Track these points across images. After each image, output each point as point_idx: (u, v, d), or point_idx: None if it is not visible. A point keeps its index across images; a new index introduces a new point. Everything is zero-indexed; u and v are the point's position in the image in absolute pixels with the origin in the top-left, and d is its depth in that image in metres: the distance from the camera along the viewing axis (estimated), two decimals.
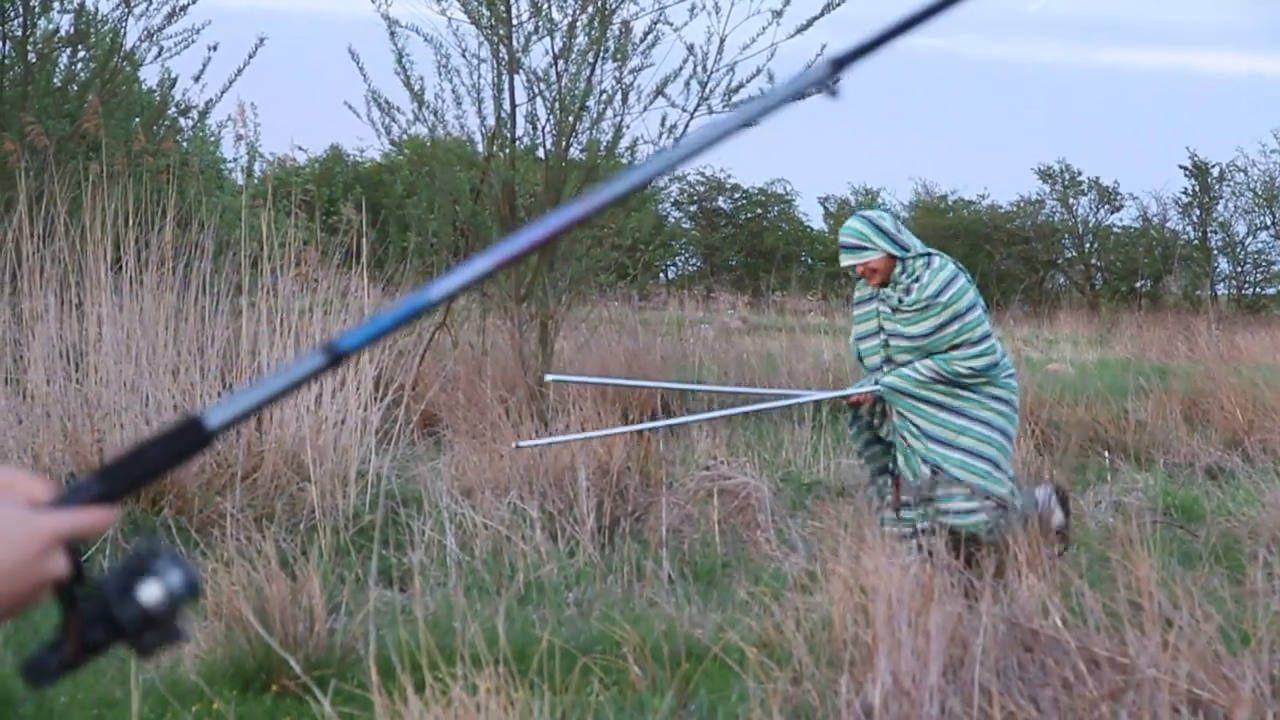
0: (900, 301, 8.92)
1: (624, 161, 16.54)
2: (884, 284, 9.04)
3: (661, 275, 43.25)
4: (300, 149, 31.94)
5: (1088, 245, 46.75)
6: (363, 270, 13.70)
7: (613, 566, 10.02)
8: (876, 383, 9.16)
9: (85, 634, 1.75)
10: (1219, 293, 44.20)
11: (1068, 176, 46.88)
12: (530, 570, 9.73)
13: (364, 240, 13.64)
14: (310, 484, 11.00)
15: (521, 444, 10.58)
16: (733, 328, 27.89)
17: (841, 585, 7.53)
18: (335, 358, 1.84)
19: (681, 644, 8.23)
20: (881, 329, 9.17)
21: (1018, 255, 45.59)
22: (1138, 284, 44.47)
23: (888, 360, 9.16)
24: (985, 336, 9.04)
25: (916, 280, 8.93)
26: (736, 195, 49.49)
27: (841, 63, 1.88)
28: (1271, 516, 11.62)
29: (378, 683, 5.57)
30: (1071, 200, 46.68)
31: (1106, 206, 46.80)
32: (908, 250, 8.98)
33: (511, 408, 13.25)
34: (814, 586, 8.26)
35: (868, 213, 9.28)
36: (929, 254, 9.07)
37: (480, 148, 15.74)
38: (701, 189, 48.19)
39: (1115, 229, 46.95)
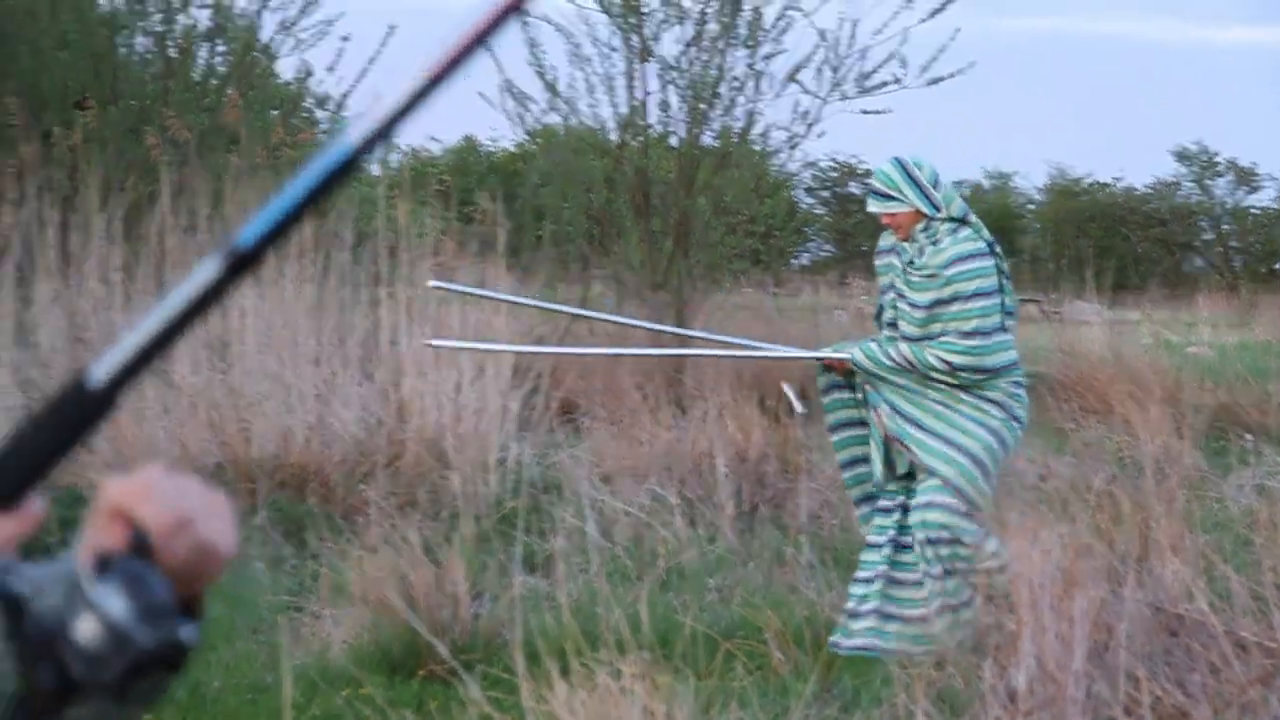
0: (911, 261, 8.18)
1: (756, 148, 16.52)
2: (906, 239, 8.26)
3: (795, 262, 42.97)
4: (434, 140, 31.81)
5: (1225, 227, 46.08)
6: (498, 259, 13.74)
7: (753, 552, 10.03)
8: (849, 354, 8.33)
9: (35, 679, 1.38)
10: None
11: (1205, 158, 46.28)
12: (671, 556, 9.74)
13: (499, 229, 13.69)
14: (452, 471, 11.05)
15: (431, 343, 10.79)
16: (868, 313, 27.69)
17: (984, 570, 7.52)
18: (238, 261, 1.39)
19: (823, 629, 8.24)
20: (893, 285, 8.35)
21: (1154, 238, 45.09)
22: (1278, 265, 43.82)
23: (893, 325, 8.33)
24: (977, 332, 8.10)
25: (935, 243, 8.19)
26: (869, 180, 48.79)
27: None
28: None
29: (524, 668, 5.59)
30: (1208, 182, 46.04)
31: (1244, 187, 46.11)
32: (938, 210, 8.18)
33: (649, 394, 13.25)
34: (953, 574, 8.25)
35: (906, 159, 8.38)
36: (962, 220, 8.25)
37: (613, 136, 15.73)
38: (834, 174, 47.86)
39: (1254, 210, 46.26)
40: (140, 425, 11.28)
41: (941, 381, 8.06)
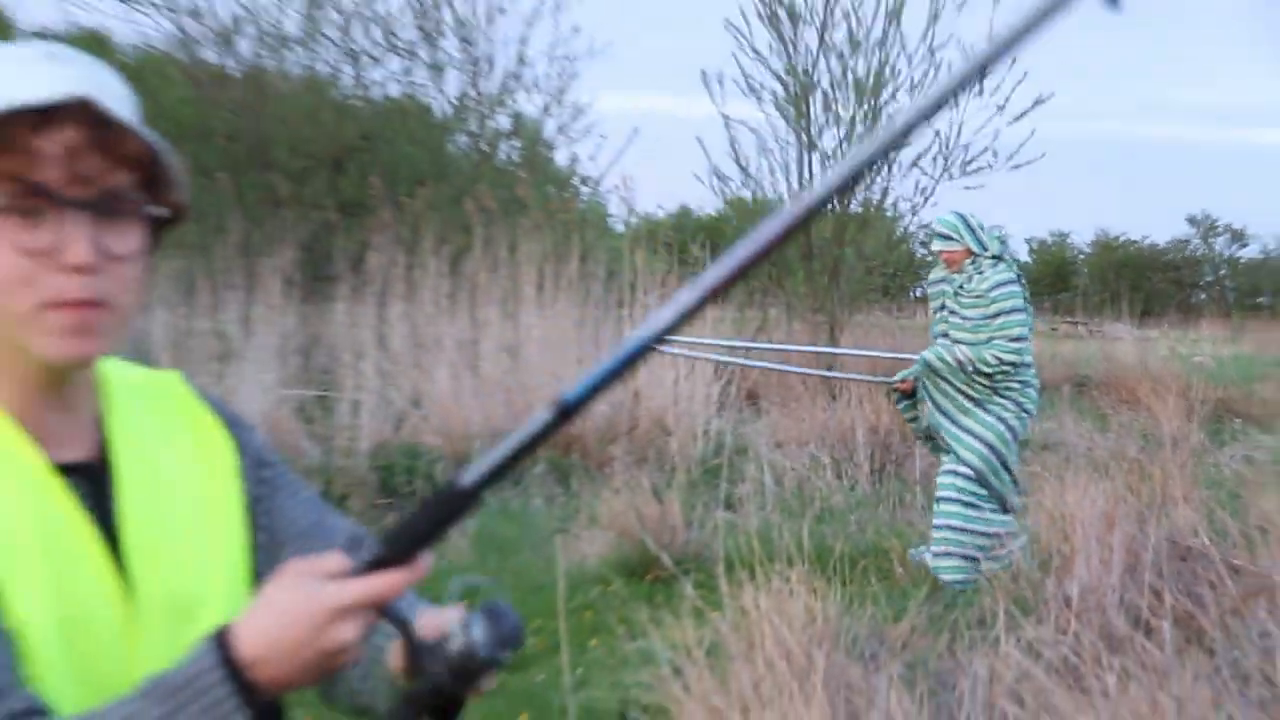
0: (962, 286, 7.91)
1: (888, 214, 16.43)
2: (957, 270, 7.96)
3: (912, 293, 42.64)
4: (660, 208, 32.11)
5: (1222, 272, 45.20)
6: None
7: (881, 497, 9.99)
8: (920, 358, 8.08)
9: (416, 686, 1.50)
10: None
11: (1208, 222, 45.46)
12: (824, 499, 9.73)
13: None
14: (671, 437, 11.09)
15: (659, 349, 10.54)
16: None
17: (1046, 514, 7.43)
18: (564, 411, 1.43)
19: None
20: (944, 305, 8.05)
21: (1170, 279, 44.33)
22: (1260, 299, 42.90)
23: (944, 335, 8.04)
24: (1021, 338, 7.92)
25: (980, 273, 7.90)
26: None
27: None
28: None
29: (722, 575, 5.59)
30: (1210, 239, 45.18)
31: (1237, 243, 45.25)
32: (984, 250, 7.94)
33: (809, 386, 13.24)
34: (1024, 514, 8.17)
35: (964, 212, 8.22)
36: (999, 258, 8.00)
37: (787, 204, 15.65)
38: None
39: (1242, 260, 45.39)
40: (459, 404, 11.41)
41: (980, 381, 7.85)
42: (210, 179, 13.81)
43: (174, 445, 1.72)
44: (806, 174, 15.58)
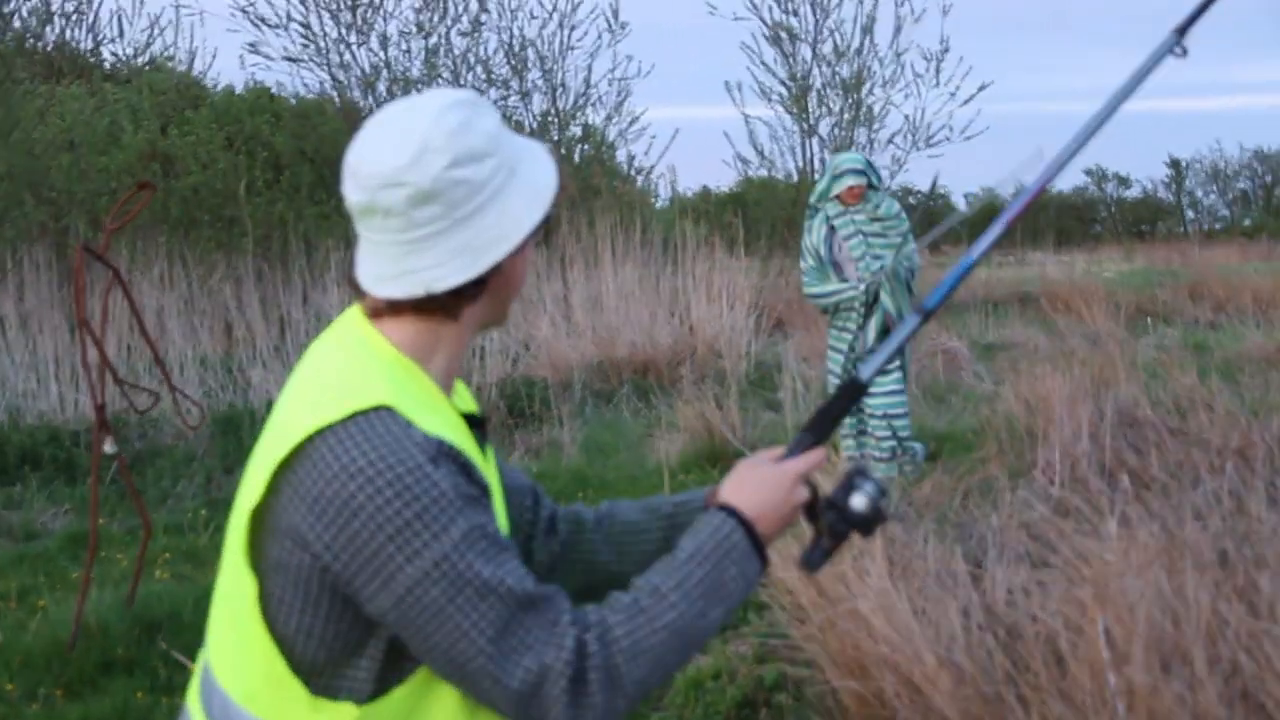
0: (876, 210, 6.79)
1: None
2: (855, 203, 6.82)
3: None
4: (688, 188, 31.73)
5: (1112, 209, 44.48)
6: (740, 251, 13.66)
7: None
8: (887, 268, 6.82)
9: (832, 531, 1.60)
10: (1189, 230, 41.84)
11: (1101, 172, 44.71)
12: None
13: (738, 235, 13.66)
14: (722, 359, 10.91)
15: None
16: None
17: (1021, 399, 7.18)
18: (926, 313, 1.66)
19: (931, 433, 7.96)
20: (859, 232, 6.79)
21: (1074, 217, 43.57)
22: (1143, 228, 42.23)
23: (868, 254, 6.84)
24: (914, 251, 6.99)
25: (883, 203, 6.87)
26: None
27: (1183, 29, 1.58)
28: (1247, 348, 10.94)
29: None
30: (1103, 185, 44.45)
31: (1123, 187, 44.52)
32: (880, 183, 6.96)
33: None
34: (998, 398, 7.93)
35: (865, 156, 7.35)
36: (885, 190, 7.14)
37: (795, 178, 15.38)
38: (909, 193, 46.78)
39: (1128, 199, 44.71)
40: (558, 344, 11.29)
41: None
42: None
43: (472, 408, 1.68)
44: (808, 154, 15.26)
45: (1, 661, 4.73)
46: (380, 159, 1.42)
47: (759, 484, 1.57)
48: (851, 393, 1.64)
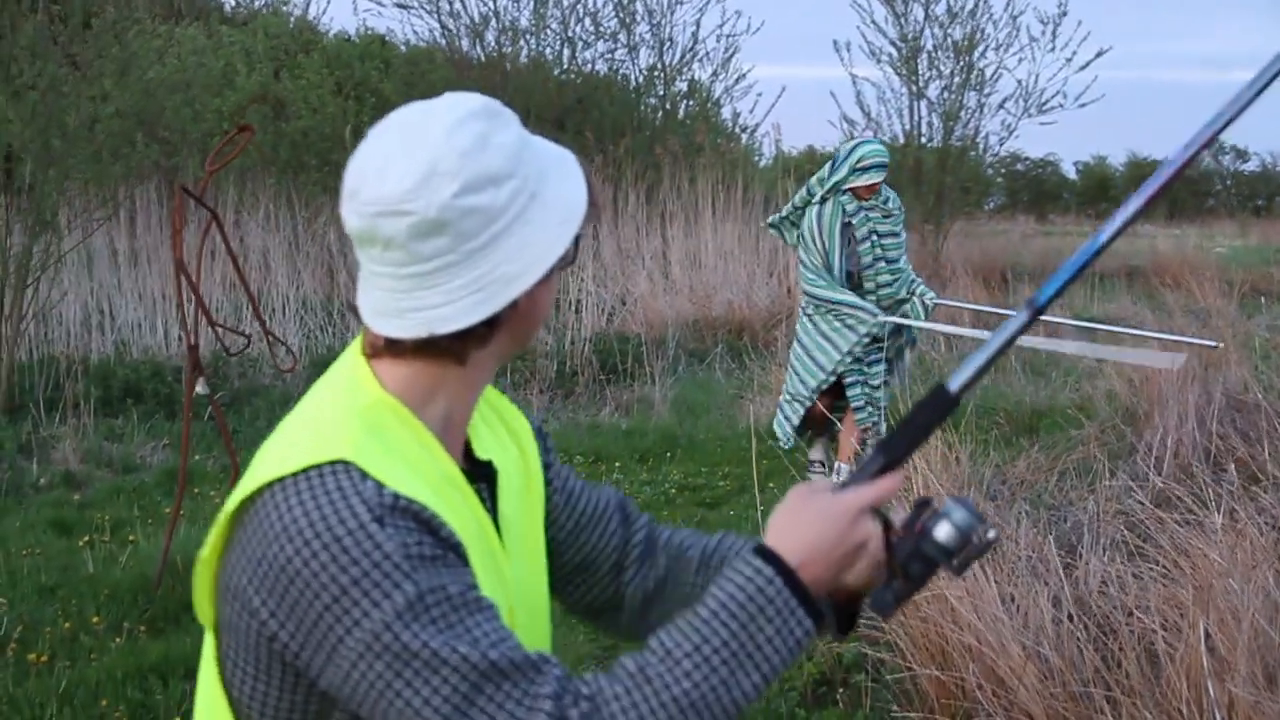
0: (886, 201, 6.14)
1: (980, 148, 15.63)
2: (869, 198, 6.17)
3: (988, 205, 41.41)
4: (793, 147, 31.31)
5: (1229, 183, 43.00)
6: None
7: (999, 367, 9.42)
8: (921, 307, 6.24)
9: (907, 571, 1.31)
10: None
11: (1217, 142, 43.25)
12: (938, 370, 9.20)
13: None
14: None
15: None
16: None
17: (1124, 378, 6.91)
18: (1036, 310, 1.30)
19: (1030, 409, 7.70)
20: (874, 232, 6.17)
21: (1188, 190, 42.25)
22: (1259, 202, 40.76)
23: (881, 259, 6.23)
24: None
25: (890, 196, 6.26)
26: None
27: None
28: None
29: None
30: (1219, 156, 42.90)
31: (1240, 159, 42.97)
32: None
33: None
34: (1099, 374, 7.65)
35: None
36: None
37: (901, 141, 14.98)
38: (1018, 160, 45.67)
39: (1245, 172, 43.20)
40: (655, 301, 11.19)
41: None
42: None
43: (500, 439, 1.49)
44: (916, 117, 14.87)
45: (91, 593, 4.79)
46: (382, 181, 1.24)
47: (810, 520, 1.28)
48: (942, 406, 1.32)
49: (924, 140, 15.01)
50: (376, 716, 1.21)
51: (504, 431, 1.51)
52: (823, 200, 6.23)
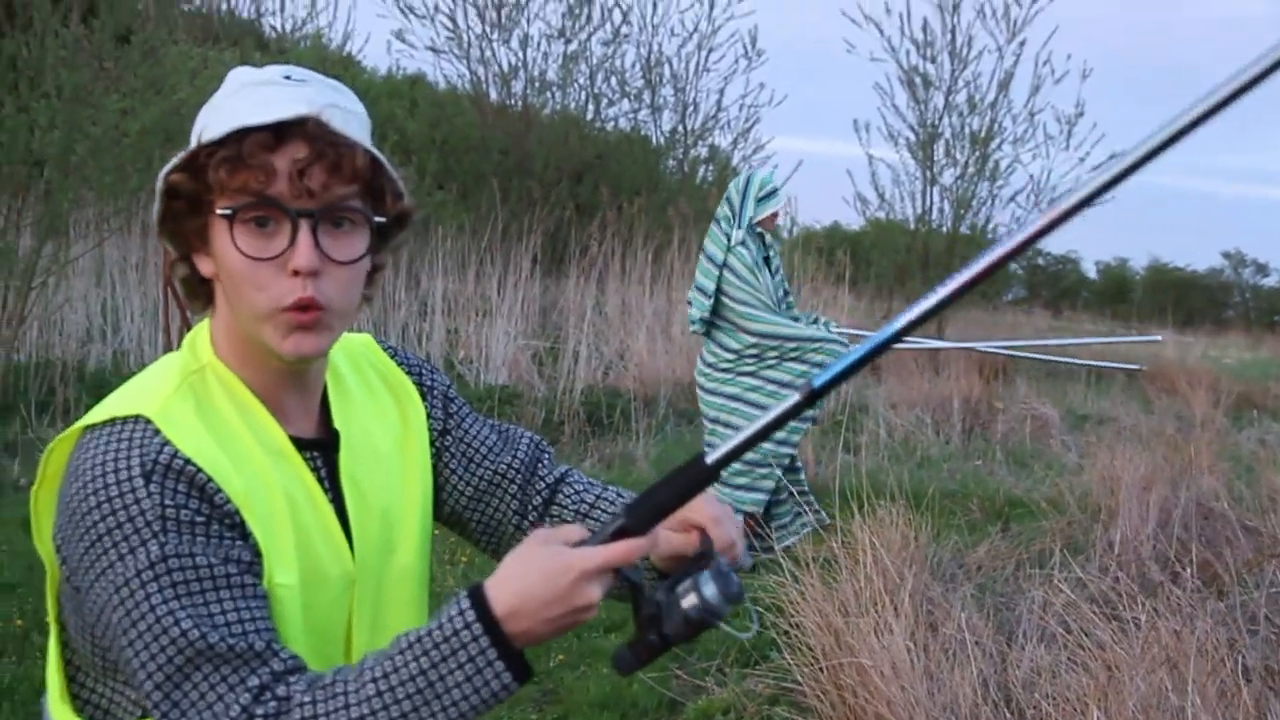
0: (780, 239, 5.58)
1: (989, 237, 15.79)
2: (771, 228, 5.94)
3: (1004, 297, 41.69)
4: (817, 222, 31.51)
5: (1247, 295, 43.09)
6: (845, 285, 13.56)
7: (969, 453, 9.49)
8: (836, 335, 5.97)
9: (645, 636, 1.25)
10: None
11: (1240, 256, 43.34)
12: (923, 450, 9.29)
13: (846, 269, 13.57)
14: None
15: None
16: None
17: (1098, 474, 6.95)
18: (811, 395, 1.19)
19: (1004, 498, 7.74)
20: (780, 269, 5.97)
21: (1206, 299, 42.36)
22: (1276, 318, 40.84)
23: (787, 294, 6.02)
24: None
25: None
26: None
27: None
28: None
29: (838, 505, 5.31)
30: (1240, 269, 43.09)
31: (1261, 274, 43.16)
32: None
33: (918, 362, 12.75)
34: (1080, 470, 7.69)
35: None
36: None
37: (912, 225, 15.18)
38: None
39: (1265, 286, 43.32)
40: (653, 359, 11.27)
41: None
42: (485, 182, 13.98)
43: (378, 403, 1.52)
44: (929, 202, 15.05)
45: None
46: None
47: (531, 571, 1.22)
48: (697, 478, 1.25)
49: (934, 225, 15.17)
50: (120, 663, 1.27)
51: (387, 397, 1.54)
52: (743, 242, 5.82)
